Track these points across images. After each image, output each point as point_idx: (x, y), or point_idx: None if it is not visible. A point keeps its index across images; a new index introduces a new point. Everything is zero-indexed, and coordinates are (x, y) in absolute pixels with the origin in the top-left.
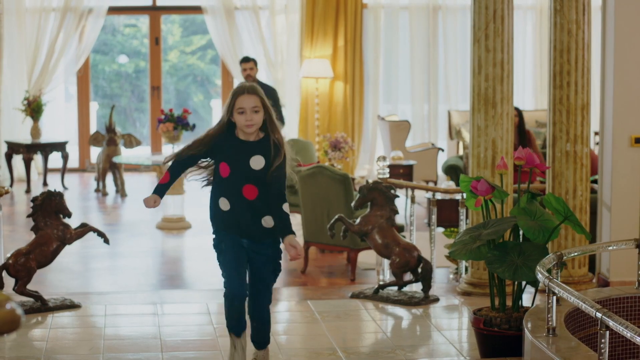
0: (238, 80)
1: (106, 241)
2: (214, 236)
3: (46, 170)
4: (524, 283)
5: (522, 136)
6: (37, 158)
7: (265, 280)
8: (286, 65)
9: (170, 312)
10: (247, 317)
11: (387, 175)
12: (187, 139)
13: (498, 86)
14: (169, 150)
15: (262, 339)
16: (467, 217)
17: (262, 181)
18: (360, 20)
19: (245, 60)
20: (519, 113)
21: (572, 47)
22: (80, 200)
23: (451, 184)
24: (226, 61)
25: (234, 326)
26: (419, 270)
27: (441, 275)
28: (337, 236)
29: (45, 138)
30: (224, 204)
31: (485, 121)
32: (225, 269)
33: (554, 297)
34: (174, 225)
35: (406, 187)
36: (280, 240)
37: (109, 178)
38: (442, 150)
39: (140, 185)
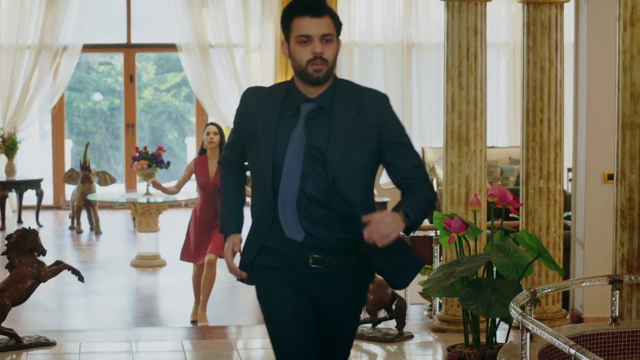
0: (213, 117)
1: (81, 279)
2: None
3: (21, 208)
4: (497, 319)
5: None
6: (12, 195)
7: None
8: None
9: (145, 349)
10: None
11: None
12: (161, 176)
13: (471, 123)
14: (143, 187)
15: None
16: (440, 254)
17: None
18: None
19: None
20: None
21: (545, 84)
22: (54, 238)
23: (425, 221)
24: (201, 99)
25: None
26: (393, 307)
27: (415, 312)
28: None
29: (20, 175)
30: None
31: (458, 158)
32: None
33: (528, 334)
34: (149, 263)
35: None
36: None
37: (84, 215)
38: None
39: (115, 222)
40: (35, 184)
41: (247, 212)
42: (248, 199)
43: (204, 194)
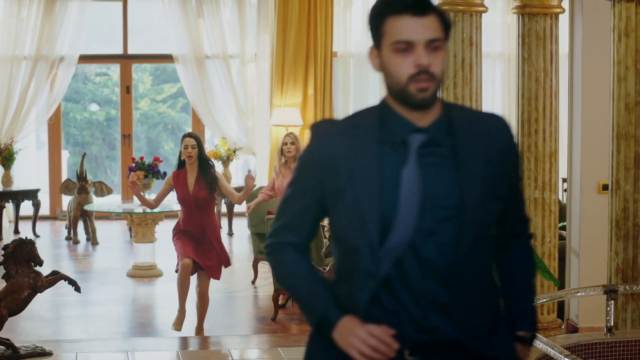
0: (209, 128)
1: (77, 289)
2: None
3: (17, 218)
4: None
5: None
6: (9, 206)
7: None
8: (256, 113)
9: (141, 359)
10: None
11: None
12: (158, 187)
13: None
14: None
15: None
16: None
17: None
18: (330, 69)
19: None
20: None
21: (540, 94)
22: (51, 248)
23: None
24: (197, 109)
25: None
26: None
27: None
28: None
29: (17, 186)
30: None
31: None
32: None
33: None
34: (145, 273)
35: None
36: None
37: (80, 226)
38: None
39: (112, 233)
40: (32, 195)
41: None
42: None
43: (185, 208)
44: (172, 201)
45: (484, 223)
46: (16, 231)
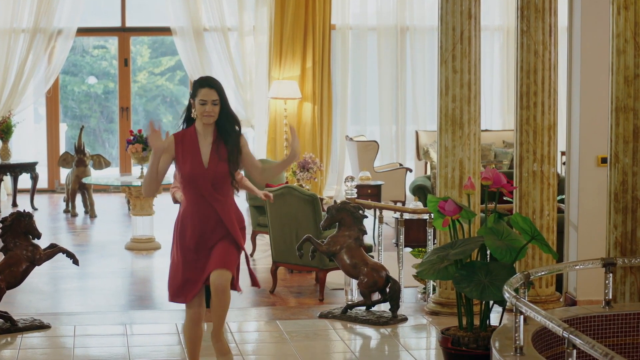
0: None
1: (75, 262)
2: None
3: (15, 191)
4: (491, 302)
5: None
6: (7, 179)
7: None
8: (255, 86)
9: (139, 332)
10: None
11: (355, 196)
12: None
13: (465, 107)
14: (138, 171)
15: None
16: (434, 237)
17: None
18: (328, 42)
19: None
20: None
21: (539, 67)
22: (49, 221)
23: (419, 204)
24: None
25: None
26: (387, 290)
27: (409, 295)
28: (306, 256)
29: (15, 159)
30: None
31: (452, 142)
32: None
33: (521, 317)
34: (144, 246)
35: (374, 207)
36: None
37: (78, 199)
38: (410, 170)
39: (110, 206)
40: (30, 168)
41: None
42: None
43: (193, 191)
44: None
45: None
46: (14, 204)
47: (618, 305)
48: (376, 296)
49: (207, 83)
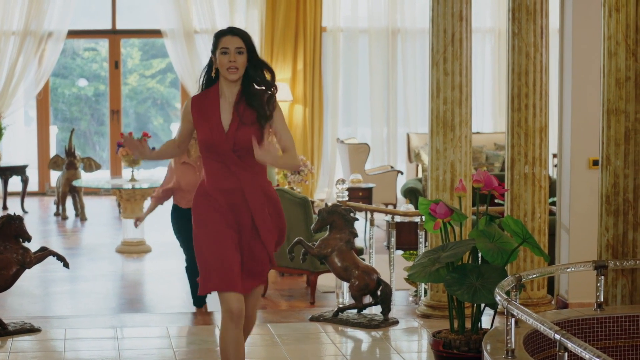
0: None
1: (66, 265)
2: None
3: (6, 194)
4: (483, 305)
5: None
6: None
7: None
8: None
9: (130, 335)
10: None
11: (347, 198)
12: (146, 162)
13: (457, 109)
14: (128, 174)
15: None
16: (426, 240)
17: None
18: (319, 44)
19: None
20: None
21: (530, 69)
22: (40, 224)
23: (410, 207)
24: (186, 84)
25: None
26: (379, 292)
27: (400, 298)
28: (297, 259)
29: (5, 162)
30: None
31: (444, 144)
32: None
33: (513, 319)
34: (134, 249)
35: (365, 210)
36: None
37: (69, 202)
38: (401, 173)
39: (100, 209)
40: (20, 170)
41: None
42: None
43: (214, 160)
44: (161, 177)
45: None
46: (4, 207)
47: (610, 308)
48: (367, 299)
49: (229, 30)
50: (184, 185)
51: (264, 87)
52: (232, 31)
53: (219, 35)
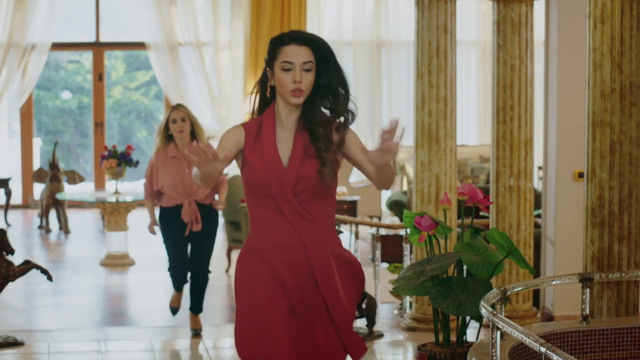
0: None
1: (49, 278)
2: None
3: None
4: (468, 318)
5: None
6: None
7: None
8: (230, 101)
9: (114, 349)
10: None
11: None
12: (130, 175)
13: (442, 122)
14: (112, 186)
15: None
16: (411, 253)
17: None
18: None
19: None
20: None
21: (515, 82)
22: (23, 237)
23: (395, 220)
24: (170, 97)
25: None
26: (364, 305)
27: (385, 311)
28: None
29: None
30: None
31: (428, 157)
32: None
33: (498, 332)
34: (118, 262)
35: (350, 222)
36: None
37: (52, 215)
38: None
39: (84, 221)
40: (3, 183)
41: None
42: None
43: (266, 205)
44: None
45: None
46: None
47: (595, 320)
48: None
49: (294, 37)
50: (170, 183)
51: (334, 113)
52: (298, 38)
53: (280, 43)
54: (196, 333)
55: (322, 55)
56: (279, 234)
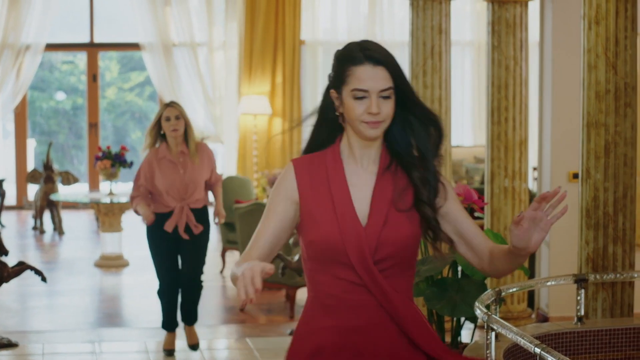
0: None
1: (44, 279)
2: None
3: None
4: (462, 319)
5: None
6: None
7: None
8: (224, 101)
9: (108, 350)
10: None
11: None
12: (124, 176)
13: None
14: (106, 187)
15: None
16: None
17: None
18: (298, 57)
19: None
20: None
21: (510, 83)
22: (17, 238)
23: None
24: (164, 98)
25: None
26: None
27: None
28: (276, 273)
29: None
30: None
31: None
32: None
33: (493, 333)
34: (112, 263)
35: None
36: None
37: (47, 216)
38: None
39: (78, 222)
40: None
41: None
42: None
43: (334, 276)
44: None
45: None
46: None
47: (590, 321)
48: None
49: (368, 55)
50: (165, 186)
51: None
52: (374, 58)
53: (348, 61)
54: (194, 349)
55: (400, 76)
56: (355, 311)
